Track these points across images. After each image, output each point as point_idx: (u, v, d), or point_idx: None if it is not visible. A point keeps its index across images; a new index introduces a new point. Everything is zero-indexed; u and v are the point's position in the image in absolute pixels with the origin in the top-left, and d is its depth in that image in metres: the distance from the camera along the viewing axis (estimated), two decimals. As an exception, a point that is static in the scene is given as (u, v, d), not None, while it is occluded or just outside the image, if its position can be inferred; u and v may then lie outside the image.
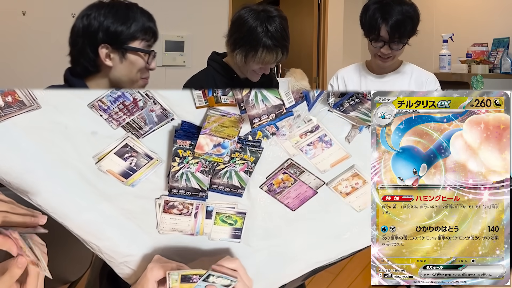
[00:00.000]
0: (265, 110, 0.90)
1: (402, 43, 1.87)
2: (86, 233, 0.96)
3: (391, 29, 1.82)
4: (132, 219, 0.98)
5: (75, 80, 1.39)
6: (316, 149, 0.96)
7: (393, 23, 1.81)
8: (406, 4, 1.85)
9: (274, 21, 1.65)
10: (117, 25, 1.35)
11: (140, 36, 1.37)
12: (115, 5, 1.38)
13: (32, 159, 0.92)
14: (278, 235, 1.01)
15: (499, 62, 3.71)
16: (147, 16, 1.40)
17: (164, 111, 0.94)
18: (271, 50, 1.65)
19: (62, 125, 0.92)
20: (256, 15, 1.66)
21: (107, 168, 0.94)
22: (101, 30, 1.34)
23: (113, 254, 0.98)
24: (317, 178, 0.98)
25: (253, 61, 1.68)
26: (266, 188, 0.99)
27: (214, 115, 0.93)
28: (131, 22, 1.36)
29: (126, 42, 1.36)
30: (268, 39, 1.63)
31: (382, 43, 1.88)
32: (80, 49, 1.37)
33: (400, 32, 1.83)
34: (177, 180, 0.95)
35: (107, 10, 1.36)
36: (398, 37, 1.84)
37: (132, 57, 1.38)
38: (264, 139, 0.95)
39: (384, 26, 1.83)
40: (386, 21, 1.83)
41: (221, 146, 0.93)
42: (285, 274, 1.01)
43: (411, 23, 1.84)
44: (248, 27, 1.65)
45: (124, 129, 0.93)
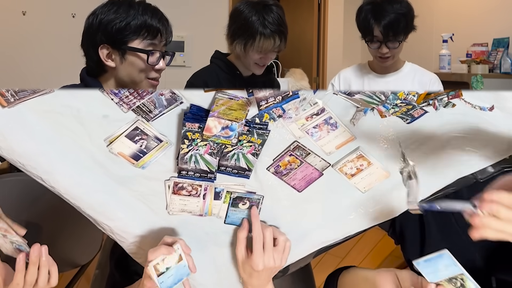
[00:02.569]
0: (272, 93, 0.92)
1: (397, 41, 1.88)
2: (98, 214, 0.98)
3: (384, 29, 1.84)
4: (143, 200, 1.00)
5: (90, 80, 1.35)
6: (322, 132, 0.98)
7: (385, 22, 1.83)
8: (397, 2, 1.86)
9: (270, 10, 1.69)
10: (115, 23, 1.27)
11: (140, 34, 1.29)
12: (119, 3, 1.31)
13: (45, 142, 0.94)
14: (285, 216, 1.04)
15: (499, 62, 3.73)
16: (150, 12, 1.31)
17: (173, 94, 0.96)
18: (269, 37, 1.67)
19: (75, 109, 0.94)
20: (251, 6, 1.70)
21: (118, 151, 0.97)
22: (100, 30, 1.28)
23: (124, 234, 1.00)
24: (322, 160, 1.00)
25: (252, 50, 1.71)
26: (273, 170, 1.01)
27: (222, 98, 0.96)
28: (129, 20, 1.28)
29: (126, 42, 1.28)
30: (265, 26, 1.66)
31: (378, 44, 1.89)
32: (86, 49, 1.34)
33: (394, 30, 1.85)
34: (186, 162, 0.98)
35: (109, 8, 1.29)
36: (393, 35, 1.86)
37: (131, 57, 1.30)
38: (271, 121, 0.97)
39: (377, 27, 1.86)
40: (378, 22, 1.85)
41: (229, 129, 0.96)
42: (291, 254, 1.03)
43: (404, 20, 1.85)
44: (244, 17, 1.69)
45: (135, 112, 0.95)
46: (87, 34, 1.32)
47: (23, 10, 3.56)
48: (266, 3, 1.70)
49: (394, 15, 1.83)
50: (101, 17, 1.29)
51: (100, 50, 1.30)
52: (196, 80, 1.80)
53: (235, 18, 1.74)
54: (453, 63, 3.92)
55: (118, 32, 1.28)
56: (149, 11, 1.31)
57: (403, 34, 1.88)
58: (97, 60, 1.31)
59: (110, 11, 1.29)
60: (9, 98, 0.90)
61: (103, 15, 1.29)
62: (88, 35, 1.32)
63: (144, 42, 1.30)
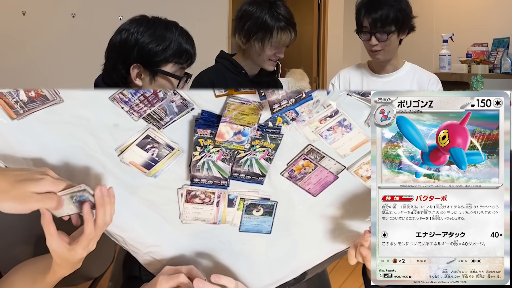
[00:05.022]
0: (284, 96, 0.91)
1: (385, 32, 1.89)
2: (110, 225, 0.96)
3: (373, 19, 1.87)
4: (155, 209, 0.99)
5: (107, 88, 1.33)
6: (336, 134, 0.97)
7: (374, 12, 1.87)
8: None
9: (278, 5, 1.78)
10: (153, 46, 1.28)
11: (174, 59, 1.31)
12: (155, 23, 1.31)
13: (55, 153, 0.93)
14: (300, 221, 1.02)
15: (499, 62, 3.73)
16: (185, 38, 1.33)
17: (184, 101, 0.95)
18: (285, 30, 1.77)
19: (84, 119, 0.93)
20: (259, 4, 1.79)
21: (130, 160, 0.95)
22: (135, 49, 1.28)
23: (137, 245, 0.98)
24: (337, 163, 0.99)
25: (271, 45, 1.78)
26: (287, 174, 0.99)
27: (233, 103, 0.94)
28: (167, 44, 1.29)
29: (159, 65, 1.30)
30: (280, 20, 1.76)
31: (368, 35, 1.91)
32: (113, 64, 1.32)
33: (382, 21, 1.86)
34: (198, 169, 0.96)
35: (145, 28, 1.29)
36: (381, 26, 1.87)
37: (162, 80, 1.32)
38: (284, 125, 0.96)
39: (367, 18, 1.89)
40: (368, 12, 1.89)
41: (241, 134, 0.94)
42: (307, 260, 1.01)
43: (394, 13, 1.87)
44: (257, 16, 1.77)
45: (145, 120, 0.94)
46: (119, 49, 1.31)
47: (23, 10, 3.57)
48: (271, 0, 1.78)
49: (385, 6, 1.87)
50: (137, 36, 1.28)
51: (132, 69, 1.29)
52: (202, 79, 1.83)
53: (246, 19, 1.80)
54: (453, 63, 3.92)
55: (155, 55, 1.28)
56: (184, 36, 1.32)
57: (394, 27, 1.89)
58: (125, 77, 1.31)
59: (147, 32, 1.28)
60: (18, 109, 0.89)
61: (140, 35, 1.28)
62: (120, 51, 1.31)
63: (176, 66, 1.32)
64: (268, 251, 1.01)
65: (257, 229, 1.02)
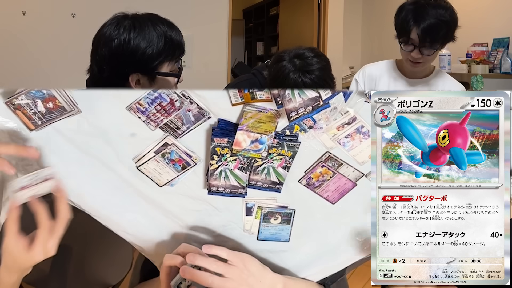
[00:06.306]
0: (302, 103, 0.91)
1: (433, 48, 1.80)
2: (129, 235, 0.96)
3: (422, 33, 1.76)
4: (173, 218, 0.98)
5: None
6: (354, 141, 0.97)
7: (425, 26, 1.75)
8: (442, 8, 1.77)
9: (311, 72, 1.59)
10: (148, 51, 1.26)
11: (169, 57, 1.31)
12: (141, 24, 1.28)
13: (74, 163, 0.93)
14: (319, 229, 1.02)
15: (499, 62, 3.75)
16: (171, 29, 1.32)
17: (201, 110, 0.94)
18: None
19: (101, 129, 0.93)
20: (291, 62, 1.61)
21: (147, 169, 0.95)
22: (132, 60, 1.26)
23: (156, 254, 0.98)
24: (356, 170, 0.98)
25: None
26: (305, 182, 0.99)
27: (250, 111, 0.94)
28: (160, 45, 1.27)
29: (157, 68, 1.30)
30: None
31: (412, 47, 1.82)
32: (107, 77, 1.30)
33: (432, 36, 1.76)
34: (216, 178, 0.96)
35: (136, 33, 1.26)
36: (430, 41, 1.78)
37: (160, 81, 1.32)
38: (302, 132, 0.96)
39: (415, 29, 1.77)
40: (417, 24, 1.76)
41: (258, 142, 0.94)
42: (327, 267, 1.01)
43: (445, 28, 1.77)
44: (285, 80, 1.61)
45: (162, 129, 0.94)
46: (112, 62, 1.28)
47: (23, 10, 3.56)
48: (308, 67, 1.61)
49: (436, 21, 1.75)
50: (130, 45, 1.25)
51: (131, 80, 1.28)
52: (240, 87, 1.80)
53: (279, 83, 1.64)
54: (453, 63, 3.93)
55: (152, 61, 1.27)
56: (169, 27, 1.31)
57: (441, 42, 1.81)
58: (123, 85, 1.29)
59: (138, 37, 1.26)
60: (36, 121, 0.89)
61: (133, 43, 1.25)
62: (113, 63, 1.28)
63: (171, 62, 1.32)
64: (286, 257, 1.01)
65: (275, 237, 1.02)
